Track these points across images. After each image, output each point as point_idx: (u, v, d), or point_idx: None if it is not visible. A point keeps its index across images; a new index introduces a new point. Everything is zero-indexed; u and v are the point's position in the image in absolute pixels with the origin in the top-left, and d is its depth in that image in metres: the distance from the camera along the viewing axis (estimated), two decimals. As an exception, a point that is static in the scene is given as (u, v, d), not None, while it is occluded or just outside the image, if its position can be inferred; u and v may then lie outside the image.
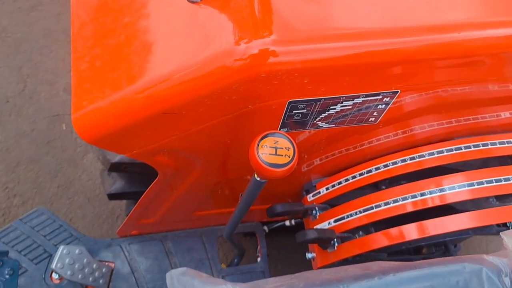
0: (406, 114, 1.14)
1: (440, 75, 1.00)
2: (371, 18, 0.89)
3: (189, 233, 1.56)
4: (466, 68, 1.01)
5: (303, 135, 1.16)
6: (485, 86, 1.11)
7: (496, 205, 1.33)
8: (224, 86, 0.87)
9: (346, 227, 1.26)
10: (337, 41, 0.86)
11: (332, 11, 0.89)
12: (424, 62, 0.94)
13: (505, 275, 0.92)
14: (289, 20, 0.87)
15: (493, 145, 1.22)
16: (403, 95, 1.03)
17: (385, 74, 0.94)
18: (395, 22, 0.90)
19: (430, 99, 1.09)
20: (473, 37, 0.93)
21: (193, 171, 1.19)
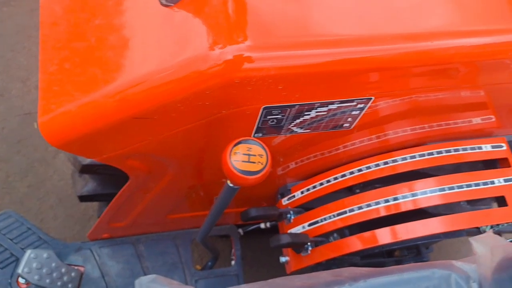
0: (380, 120, 1.14)
1: (414, 83, 1.01)
2: (346, 26, 0.89)
3: (162, 236, 1.54)
4: (440, 76, 1.02)
5: (278, 138, 1.15)
6: (458, 93, 1.13)
7: (468, 209, 1.36)
8: (197, 91, 0.86)
9: (320, 231, 1.27)
10: (311, 48, 0.86)
11: (307, 19, 0.89)
12: (398, 70, 0.95)
13: (473, 281, 0.93)
14: (263, 26, 0.87)
15: (464, 150, 1.24)
16: (377, 101, 1.04)
17: (359, 81, 0.95)
18: (370, 31, 0.90)
19: (403, 105, 1.10)
20: (446, 46, 0.94)
21: (166, 175, 1.17)
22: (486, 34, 0.99)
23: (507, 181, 1.20)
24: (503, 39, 1.00)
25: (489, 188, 1.20)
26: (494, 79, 1.09)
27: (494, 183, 1.20)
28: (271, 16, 0.87)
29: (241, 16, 0.86)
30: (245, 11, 0.87)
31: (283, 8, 0.87)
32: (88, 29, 0.94)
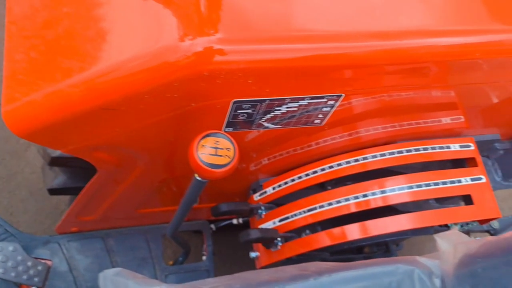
0: (351, 117, 1.15)
1: (385, 81, 1.02)
2: (317, 21, 0.89)
3: (133, 230, 1.53)
4: (411, 75, 1.04)
5: (252, 134, 1.15)
6: (429, 92, 1.14)
7: (436, 208, 1.39)
8: (165, 83, 0.85)
9: (291, 226, 1.27)
10: (281, 43, 0.86)
11: (278, 13, 0.89)
12: (368, 67, 0.95)
13: (436, 277, 0.95)
14: (235, 19, 0.86)
15: (433, 149, 1.26)
16: (348, 99, 1.04)
17: (329, 77, 0.95)
18: (341, 27, 0.90)
19: (374, 103, 1.11)
20: (417, 45, 0.95)
21: (135, 168, 1.16)
22: (458, 34, 1.00)
23: (474, 180, 1.22)
24: (474, 39, 1.01)
25: (456, 187, 1.22)
26: (465, 79, 1.11)
27: (461, 182, 1.22)
28: (242, 9, 0.87)
29: (213, 8, 0.86)
30: (216, 3, 0.86)
31: (255, 2, 0.87)
32: (55, 17, 0.92)
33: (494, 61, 1.05)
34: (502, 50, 1.03)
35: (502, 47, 1.03)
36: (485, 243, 0.85)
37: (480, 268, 0.84)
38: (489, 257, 0.83)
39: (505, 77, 1.11)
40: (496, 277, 0.81)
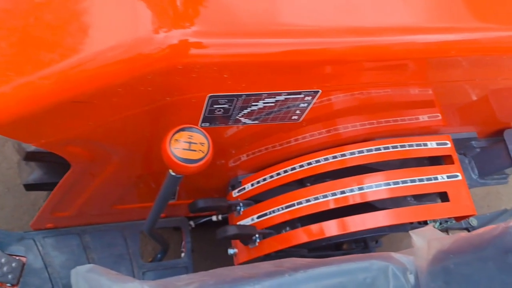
0: (329, 114, 1.15)
1: (362, 77, 1.02)
2: (293, 17, 0.88)
3: (110, 227, 1.50)
4: (388, 71, 1.04)
5: (231, 130, 1.15)
6: (406, 90, 1.15)
7: (413, 204, 1.40)
8: (139, 75, 0.83)
9: (269, 223, 1.27)
10: (258, 38, 0.85)
11: (255, 7, 0.88)
12: (345, 63, 0.95)
13: (410, 273, 0.95)
14: (210, 12, 0.85)
15: (410, 146, 1.27)
16: (325, 95, 1.04)
17: (306, 73, 0.95)
18: (318, 23, 0.90)
19: (352, 100, 1.11)
20: (393, 42, 0.96)
21: (110, 163, 1.14)
22: (435, 31, 1.01)
23: (450, 178, 1.23)
24: (451, 37, 1.02)
25: (432, 184, 1.23)
26: (442, 76, 1.12)
27: (438, 179, 1.23)
28: (218, 3, 0.86)
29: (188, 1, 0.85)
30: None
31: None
32: (26, 8, 0.90)
33: (471, 59, 1.06)
34: (478, 48, 1.04)
35: (478, 45, 1.04)
36: (458, 239, 0.86)
37: (453, 264, 0.85)
38: (462, 253, 0.83)
39: (482, 75, 1.12)
40: (468, 273, 0.82)
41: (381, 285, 0.93)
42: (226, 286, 0.86)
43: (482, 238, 0.79)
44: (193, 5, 0.85)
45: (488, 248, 0.78)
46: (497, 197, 2.69)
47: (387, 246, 2.30)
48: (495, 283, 0.78)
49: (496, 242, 0.76)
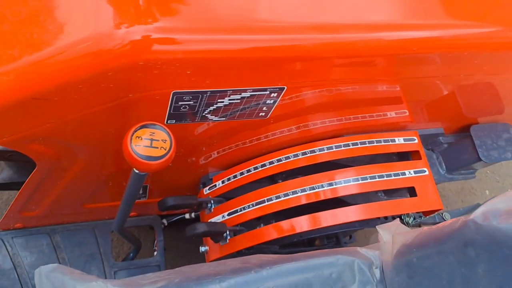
0: (297, 111, 1.15)
1: (328, 74, 1.02)
2: (255, 13, 0.88)
3: (81, 226, 1.48)
4: (354, 69, 1.04)
5: (201, 127, 1.14)
6: (373, 87, 1.15)
7: (384, 199, 1.41)
8: (99, 72, 0.82)
9: (239, 220, 1.26)
10: (220, 34, 0.84)
11: (217, 4, 0.88)
12: (309, 60, 0.96)
13: (376, 267, 0.96)
14: (172, 8, 0.84)
15: (378, 142, 1.28)
16: (291, 92, 1.04)
17: (270, 69, 0.95)
18: (281, 19, 0.90)
19: (320, 97, 1.12)
20: (357, 39, 0.96)
21: (77, 162, 1.12)
22: (400, 29, 1.01)
23: (417, 173, 1.25)
24: (416, 34, 1.03)
25: (400, 179, 1.24)
26: (409, 73, 1.13)
27: (405, 174, 1.25)
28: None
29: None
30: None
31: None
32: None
33: (435, 55, 1.07)
34: (440, 45, 1.05)
35: (440, 42, 1.05)
36: (420, 234, 0.87)
37: (415, 257, 0.86)
38: (423, 247, 0.85)
39: (445, 71, 1.13)
40: (429, 266, 0.83)
41: (347, 279, 0.94)
42: (192, 284, 0.86)
43: (443, 232, 0.80)
44: (155, 1, 0.84)
45: (448, 242, 0.79)
46: (471, 192, 2.74)
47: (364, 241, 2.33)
48: (455, 276, 0.79)
49: (456, 235, 0.77)
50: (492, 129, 1.34)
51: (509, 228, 0.69)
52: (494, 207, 0.72)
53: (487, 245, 0.72)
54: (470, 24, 1.03)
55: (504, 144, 1.32)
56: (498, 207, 0.72)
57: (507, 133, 1.33)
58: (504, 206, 0.72)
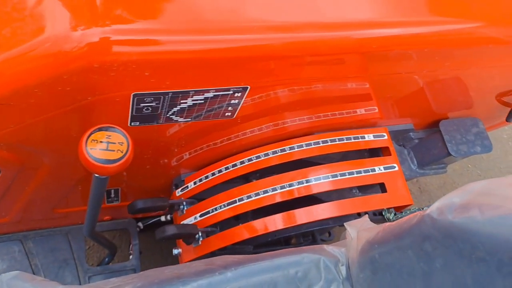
0: (265, 110, 1.15)
1: (291, 73, 1.02)
2: (212, 13, 0.87)
3: (54, 231, 1.47)
4: (316, 67, 1.04)
5: (173, 128, 1.13)
6: (341, 84, 1.15)
7: (358, 196, 1.41)
8: (54, 75, 0.81)
9: (212, 221, 1.26)
10: (175, 35, 0.84)
11: (174, 4, 0.87)
12: (270, 60, 0.95)
13: (342, 264, 0.97)
14: (127, 9, 0.83)
15: (348, 140, 1.28)
16: (257, 92, 1.04)
17: (232, 70, 0.94)
18: (239, 19, 0.89)
19: (287, 96, 1.12)
20: (317, 38, 0.95)
21: (42, 166, 1.11)
22: (358, 27, 1.00)
23: (387, 169, 1.26)
24: (382, 32, 1.03)
25: (370, 176, 1.25)
26: (376, 70, 1.13)
27: (375, 170, 1.25)
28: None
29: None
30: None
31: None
32: None
33: (400, 52, 1.07)
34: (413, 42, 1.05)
35: (405, 40, 1.05)
36: (382, 229, 0.87)
37: (377, 253, 0.86)
38: (384, 243, 0.85)
39: (411, 68, 1.14)
40: (391, 262, 0.84)
41: (313, 278, 0.94)
42: (154, 287, 0.85)
43: (402, 228, 0.80)
44: (112, 3, 0.83)
45: (406, 237, 0.79)
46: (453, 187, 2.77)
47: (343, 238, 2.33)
48: (415, 271, 0.79)
49: (414, 230, 0.78)
50: (461, 123, 1.35)
51: (463, 223, 0.69)
52: (450, 202, 0.72)
53: (442, 239, 0.72)
54: (433, 21, 1.03)
55: (473, 138, 1.33)
56: (453, 201, 0.72)
57: (476, 127, 1.35)
58: (459, 200, 0.72)
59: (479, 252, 0.69)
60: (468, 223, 0.70)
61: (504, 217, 0.67)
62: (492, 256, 0.68)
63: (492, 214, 0.68)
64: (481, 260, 0.69)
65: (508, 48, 1.07)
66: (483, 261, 0.69)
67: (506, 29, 1.04)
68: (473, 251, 0.70)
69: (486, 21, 1.03)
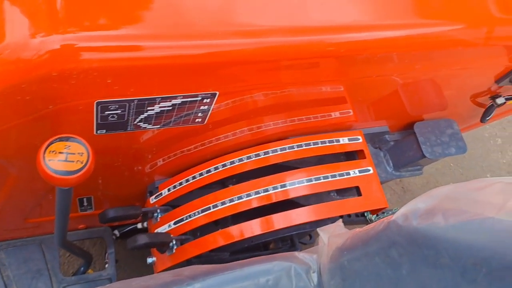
0: (237, 116, 1.14)
1: (258, 78, 1.00)
2: (176, 18, 0.86)
3: (27, 241, 1.44)
4: (284, 72, 1.02)
5: (146, 135, 1.11)
6: (314, 88, 1.14)
7: (337, 199, 1.40)
8: (13, 84, 0.79)
9: (186, 228, 1.24)
10: (135, 41, 0.82)
11: (135, 10, 0.85)
12: (237, 65, 0.94)
13: (313, 271, 0.96)
14: (87, 16, 0.81)
15: (323, 143, 1.27)
16: (225, 97, 1.02)
17: (198, 76, 0.92)
18: (202, 23, 0.88)
19: (257, 101, 1.10)
20: (281, 43, 0.93)
21: (8, 176, 1.08)
22: (331, 31, 0.99)
23: (362, 172, 1.25)
24: (354, 37, 1.01)
25: (345, 179, 1.24)
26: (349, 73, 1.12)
27: (350, 174, 1.25)
28: (95, 6, 0.82)
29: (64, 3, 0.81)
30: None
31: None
32: None
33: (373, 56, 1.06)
34: (380, 46, 1.04)
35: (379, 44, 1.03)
36: (351, 236, 0.86)
37: (347, 260, 0.86)
38: (353, 250, 0.84)
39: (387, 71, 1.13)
40: (359, 268, 0.83)
41: (284, 286, 0.93)
42: (119, 300, 0.83)
43: (369, 234, 0.79)
44: (71, 7, 0.81)
45: (373, 244, 0.78)
46: (435, 186, 2.77)
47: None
48: (383, 277, 0.78)
49: (380, 237, 0.77)
50: (436, 125, 1.34)
51: (427, 229, 0.69)
52: (415, 207, 0.72)
53: (408, 246, 0.72)
54: (400, 25, 1.02)
55: (447, 139, 1.33)
56: (418, 207, 0.71)
57: (450, 129, 1.35)
58: (424, 205, 0.71)
59: (443, 259, 0.68)
60: (432, 229, 0.69)
61: (467, 222, 0.66)
62: (456, 262, 0.67)
63: (455, 220, 0.67)
64: (445, 266, 0.68)
65: (478, 50, 1.07)
66: (448, 267, 0.68)
67: (474, 31, 1.03)
68: (438, 257, 0.69)
69: (454, 24, 1.03)
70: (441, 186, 0.75)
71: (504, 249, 0.63)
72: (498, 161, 2.88)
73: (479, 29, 1.04)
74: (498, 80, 1.24)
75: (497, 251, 0.64)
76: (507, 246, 0.63)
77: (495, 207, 0.64)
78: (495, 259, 0.64)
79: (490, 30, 1.05)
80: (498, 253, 0.64)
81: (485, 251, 0.65)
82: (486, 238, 0.65)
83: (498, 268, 0.64)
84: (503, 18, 1.10)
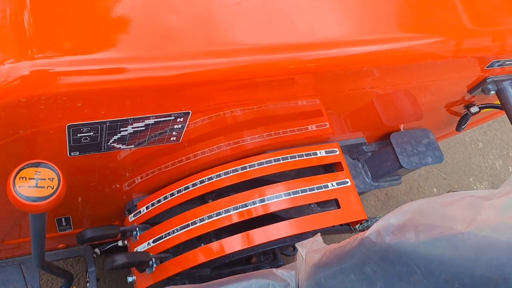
0: (212, 132, 1.14)
1: (229, 96, 1.00)
2: (144, 40, 0.86)
3: (5, 263, 1.41)
4: (253, 89, 1.02)
5: (124, 153, 1.10)
6: (288, 103, 1.14)
7: (317, 211, 1.41)
8: (-22, 112, 0.78)
9: (165, 246, 1.23)
10: (104, 64, 0.82)
11: (104, 33, 0.85)
12: (207, 85, 0.93)
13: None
14: (57, 39, 0.81)
15: (300, 157, 1.28)
16: (199, 116, 1.02)
17: (170, 96, 0.92)
18: (169, 44, 0.88)
19: (231, 118, 1.10)
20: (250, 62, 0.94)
21: (-18, 201, 1.07)
22: (299, 49, 0.99)
23: (339, 184, 1.26)
24: (322, 54, 1.01)
25: (323, 192, 1.25)
26: (321, 88, 1.12)
27: (328, 186, 1.25)
28: (60, 30, 0.82)
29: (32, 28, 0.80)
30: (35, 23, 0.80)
31: (74, 22, 0.83)
32: None
33: (343, 72, 1.06)
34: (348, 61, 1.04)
35: (347, 60, 1.04)
36: (327, 252, 0.86)
37: (323, 277, 0.86)
38: (329, 266, 0.84)
39: (358, 85, 1.14)
40: (335, 285, 0.83)
41: (262, 303, 0.93)
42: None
43: (343, 251, 0.80)
44: (38, 35, 0.81)
45: (348, 260, 0.78)
46: (419, 191, 2.80)
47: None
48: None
49: (354, 253, 0.77)
50: (412, 135, 1.36)
51: (399, 245, 0.69)
52: (387, 223, 0.72)
53: (381, 262, 0.72)
54: (368, 40, 1.03)
55: (424, 149, 1.34)
56: (390, 223, 0.72)
57: (426, 138, 1.36)
58: (396, 221, 0.72)
59: (416, 275, 0.69)
60: (404, 245, 0.69)
61: (437, 238, 0.67)
62: (428, 279, 0.67)
63: (426, 236, 0.68)
64: (418, 283, 0.69)
65: (448, 62, 1.09)
66: (421, 283, 0.69)
67: (443, 44, 1.05)
68: (410, 274, 0.69)
69: (423, 37, 1.04)
70: (413, 201, 0.76)
71: (474, 264, 0.64)
72: (480, 165, 2.92)
73: (448, 42, 1.06)
74: (470, 90, 1.26)
75: (468, 266, 0.65)
76: (477, 260, 0.63)
77: (465, 221, 0.65)
78: (466, 274, 0.65)
79: (459, 43, 1.07)
80: (469, 268, 0.65)
81: (456, 267, 0.66)
82: (457, 253, 0.65)
83: (469, 283, 0.64)
84: (473, 29, 1.12)
